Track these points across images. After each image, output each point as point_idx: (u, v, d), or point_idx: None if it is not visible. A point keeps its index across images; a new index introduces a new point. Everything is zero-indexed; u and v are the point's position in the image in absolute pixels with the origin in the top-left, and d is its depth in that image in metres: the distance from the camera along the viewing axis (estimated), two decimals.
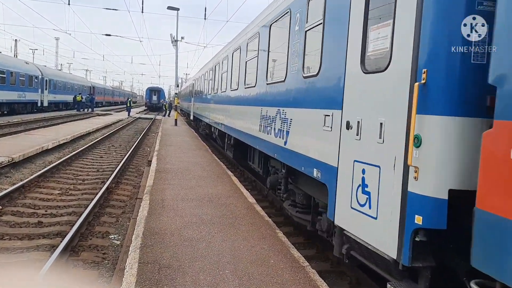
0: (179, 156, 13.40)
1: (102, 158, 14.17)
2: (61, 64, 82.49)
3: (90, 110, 45.02)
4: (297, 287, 4.20)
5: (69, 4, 29.86)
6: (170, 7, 28.37)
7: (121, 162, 12.50)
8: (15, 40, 60.44)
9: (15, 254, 5.49)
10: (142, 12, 31.95)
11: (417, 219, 3.04)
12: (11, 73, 29.89)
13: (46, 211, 7.44)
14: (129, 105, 43.71)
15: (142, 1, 30.36)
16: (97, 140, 17.98)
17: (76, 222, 6.59)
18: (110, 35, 39.21)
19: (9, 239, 5.99)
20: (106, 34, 38.41)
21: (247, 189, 9.32)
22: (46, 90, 38.12)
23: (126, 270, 4.37)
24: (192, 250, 5.02)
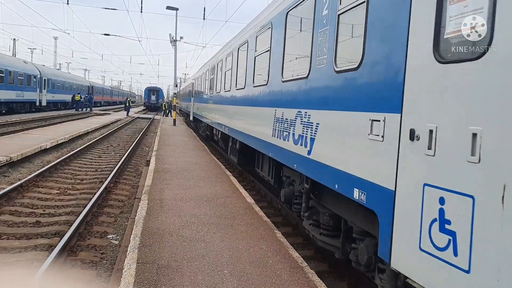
0: (178, 156, 13.39)
1: (100, 157, 14.15)
2: (59, 63, 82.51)
3: (88, 109, 45.05)
4: None
5: (68, 3, 29.82)
6: (169, 7, 28.38)
7: (119, 162, 12.48)
8: (14, 39, 60.52)
9: (13, 253, 5.48)
10: (141, 12, 31.92)
11: None
12: (10, 72, 29.84)
13: (44, 211, 7.42)
14: (128, 104, 43.46)
15: (141, 1, 30.39)
16: (95, 139, 17.97)
17: (74, 221, 6.58)
18: (109, 35, 39.23)
19: (7, 239, 5.98)
20: (105, 34, 38.43)
21: (246, 189, 9.32)
22: (44, 89, 38.08)
23: (124, 270, 4.37)
24: (190, 250, 5.02)
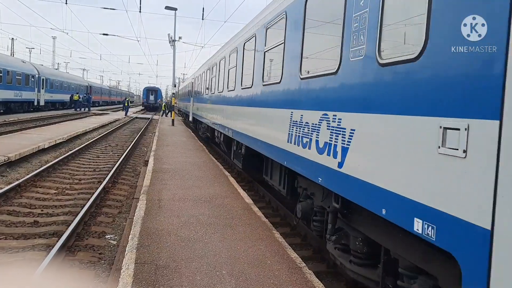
0: (176, 156, 13.39)
1: (98, 157, 14.13)
2: (58, 63, 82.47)
3: (86, 109, 44.99)
4: None
5: (66, 3, 29.75)
6: (168, 7, 28.39)
7: (117, 162, 12.47)
8: (12, 38, 60.40)
9: (11, 253, 5.47)
10: (140, 12, 31.89)
11: None
12: (8, 72, 29.78)
13: (42, 211, 7.41)
14: (126, 104, 43.32)
15: (140, 1, 30.35)
16: (93, 139, 17.94)
17: (72, 221, 6.58)
18: (107, 35, 39.01)
19: (4, 239, 5.97)
20: (104, 34, 38.32)
21: (244, 189, 9.33)
22: (42, 89, 38.01)
23: (122, 270, 4.36)
24: (189, 250, 5.02)
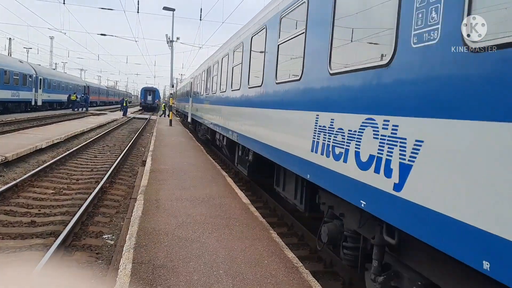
0: (174, 156, 13.39)
1: (96, 157, 14.12)
2: (55, 63, 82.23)
3: (84, 109, 44.95)
4: None
5: (64, 3, 29.70)
6: (165, 8, 28.42)
7: (115, 162, 12.46)
8: (9, 38, 60.28)
9: (8, 253, 5.47)
10: (138, 12, 31.84)
11: None
12: (5, 71, 29.69)
13: (39, 211, 7.41)
14: (125, 105, 43.27)
15: (138, 1, 30.28)
16: (91, 139, 17.92)
17: (69, 221, 6.57)
18: (105, 35, 38.97)
19: (1, 239, 5.96)
20: (101, 34, 38.27)
21: (242, 189, 9.34)
22: (40, 89, 37.90)
23: (120, 270, 4.37)
24: (186, 250, 5.03)
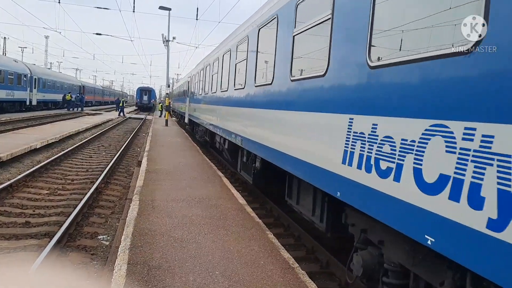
0: (170, 156, 13.35)
1: (91, 158, 14.05)
2: (50, 62, 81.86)
3: (79, 109, 44.79)
4: None
5: (59, 2, 29.55)
6: (161, 7, 28.30)
7: (110, 162, 12.40)
8: (4, 37, 59.97)
9: (2, 254, 5.42)
10: (134, 11, 31.78)
11: None
12: (0, 71, 29.51)
13: (34, 211, 7.36)
14: (122, 105, 43.18)
15: (134, 0, 30.22)
16: (86, 139, 17.83)
17: (64, 222, 6.54)
18: (101, 34, 38.79)
19: None
20: (97, 33, 38.11)
21: (238, 190, 9.32)
22: (35, 88, 37.68)
23: (115, 271, 4.35)
24: (182, 251, 5.01)
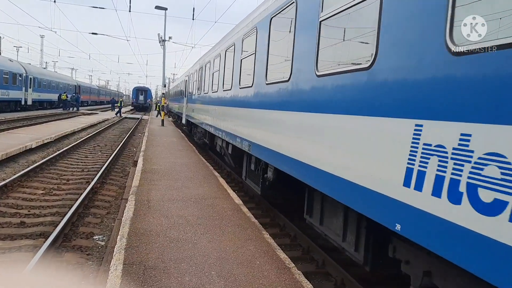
0: (166, 156, 13.32)
1: (87, 158, 13.99)
2: (46, 62, 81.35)
3: (75, 109, 44.67)
4: None
5: (54, 1, 29.43)
6: (158, 7, 28.20)
7: (106, 162, 12.36)
8: None
9: None
10: (130, 11, 31.67)
11: None
12: None
13: (29, 211, 7.32)
14: (120, 105, 43.48)
15: (130, 0, 30.09)
16: (82, 139, 17.76)
17: (60, 222, 6.51)
18: (96, 34, 38.59)
19: None
20: (93, 33, 37.95)
21: (234, 190, 9.32)
22: (30, 88, 37.49)
23: (110, 271, 4.33)
24: (177, 251, 5.01)
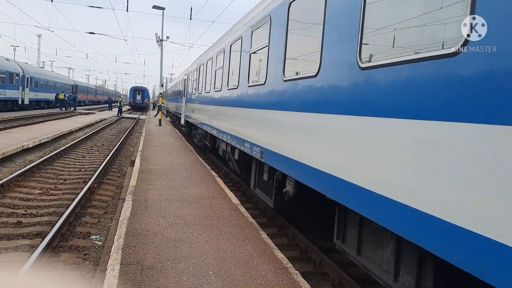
0: (163, 156, 13.30)
1: (84, 157, 13.96)
2: (43, 61, 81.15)
3: (72, 108, 44.68)
4: None
5: (52, 1, 29.33)
6: (155, 6, 28.13)
7: (103, 162, 12.34)
8: None
9: None
10: (127, 10, 31.63)
11: None
12: None
13: (26, 211, 7.29)
14: (119, 105, 44.16)
15: None
16: (79, 139, 17.71)
17: (56, 222, 6.49)
18: (94, 33, 38.49)
19: None
20: (90, 32, 37.91)
21: (231, 190, 9.32)
22: (27, 87, 37.38)
23: (107, 271, 4.32)
24: (175, 251, 5.00)
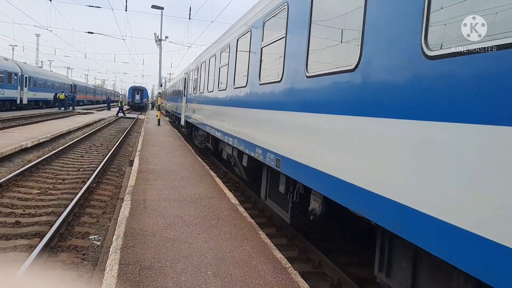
0: (162, 156, 13.29)
1: (83, 157, 13.94)
2: (41, 61, 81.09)
3: (71, 108, 44.67)
4: None
5: (50, 0, 29.27)
6: (154, 6, 28.07)
7: (102, 161, 12.33)
8: None
9: None
10: (126, 10, 31.53)
11: None
12: None
13: (24, 211, 7.28)
14: (120, 105, 44.18)
15: None
16: (78, 139, 17.69)
17: (55, 222, 6.48)
18: (92, 33, 38.39)
19: None
20: (89, 32, 37.74)
21: (230, 190, 9.31)
22: (25, 87, 37.32)
23: (106, 271, 4.31)
24: (174, 251, 4.99)
